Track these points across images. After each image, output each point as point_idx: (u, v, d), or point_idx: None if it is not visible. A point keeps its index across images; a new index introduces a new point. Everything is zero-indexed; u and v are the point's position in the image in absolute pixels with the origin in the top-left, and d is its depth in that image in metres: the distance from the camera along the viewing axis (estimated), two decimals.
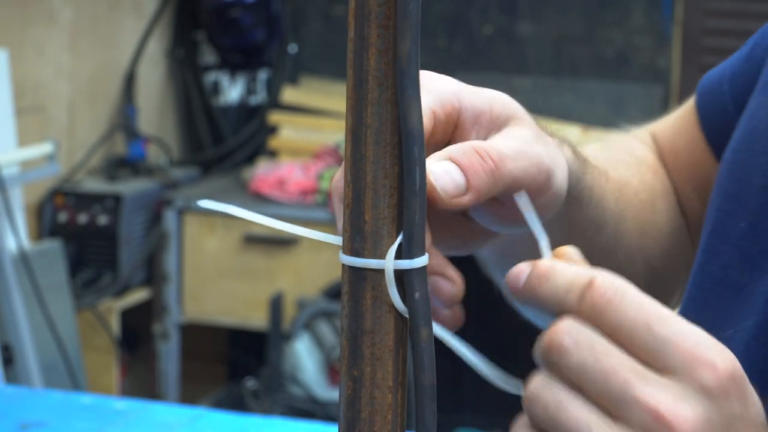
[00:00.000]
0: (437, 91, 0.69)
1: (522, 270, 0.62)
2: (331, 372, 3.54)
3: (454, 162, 0.67)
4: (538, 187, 0.70)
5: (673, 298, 1.02)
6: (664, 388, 0.58)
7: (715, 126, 0.98)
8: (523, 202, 0.65)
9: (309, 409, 3.42)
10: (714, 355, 0.59)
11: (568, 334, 0.59)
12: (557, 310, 0.61)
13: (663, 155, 1.03)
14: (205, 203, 0.67)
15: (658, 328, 0.59)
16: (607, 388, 0.58)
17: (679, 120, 1.03)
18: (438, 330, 0.61)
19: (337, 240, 0.63)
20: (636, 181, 0.97)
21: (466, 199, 0.66)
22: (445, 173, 0.66)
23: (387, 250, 0.59)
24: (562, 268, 0.61)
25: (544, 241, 0.64)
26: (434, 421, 0.59)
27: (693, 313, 0.87)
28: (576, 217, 0.84)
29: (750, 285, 0.84)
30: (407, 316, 0.59)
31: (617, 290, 0.59)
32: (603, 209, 0.88)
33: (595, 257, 0.79)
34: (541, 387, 0.60)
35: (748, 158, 0.87)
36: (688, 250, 1.01)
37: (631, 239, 0.94)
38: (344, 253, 0.60)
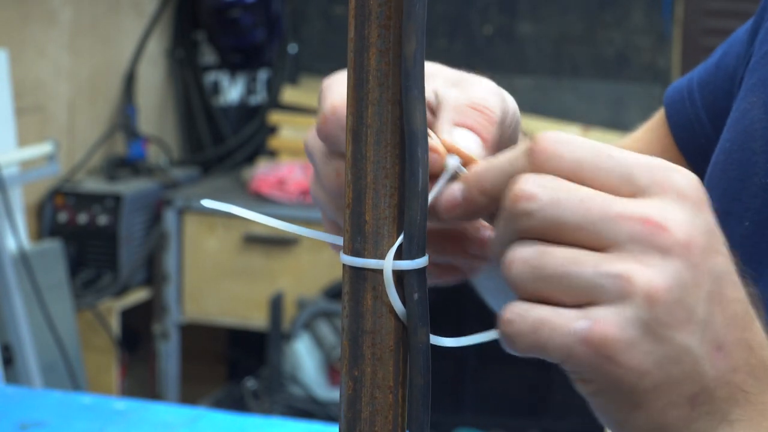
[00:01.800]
0: None
1: (453, 189, 0.61)
2: (331, 372, 3.54)
3: (462, 126, 0.66)
4: (504, 111, 0.71)
5: None
6: (645, 203, 0.57)
7: (687, 134, 0.99)
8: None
9: (309, 409, 3.42)
10: (682, 171, 0.58)
11: (531, 182, 0.57)
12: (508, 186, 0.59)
13: None
14: (207, 203, 0.67)
15: (618, 154, 0.58)
16: (586, 216, 0.56)
17: (648, 132, 1.05)
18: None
19: (336, 239, 0.63)
20: None
21: (485, 156, 0.66)
22: (462, 137, 0.66)
23: (387, 250, 0.59)
24: (493, 157, 0.60)
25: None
26: (428, 421, 0.59)
27: None
28: None
29: (759, 284, 0.84)
30: (403, 318, 0.59)
31: (563, 136, 0.58)
32: None
33: None
34: (519, 246, 0.58)
35: (745, 158, 0.87)
36: None
37: None
38: (345, 253, 0.60)
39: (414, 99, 0.58)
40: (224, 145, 4.07)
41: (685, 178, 0.58)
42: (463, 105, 0.68)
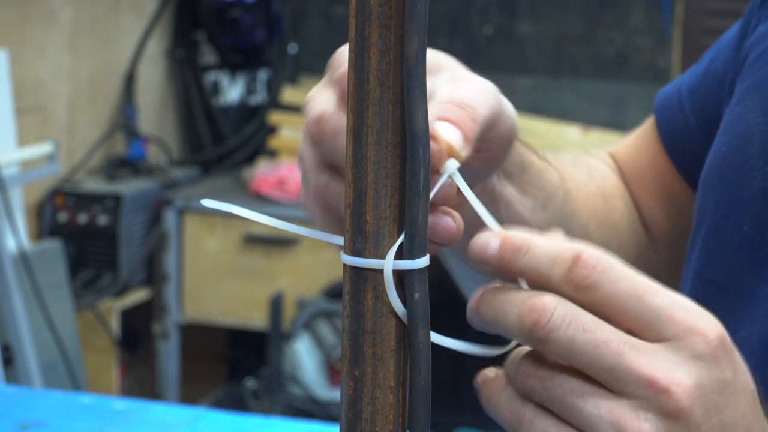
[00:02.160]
0: None
1: (489, 239, 0.61)
2: (331, 372, 3.54)
3: (445, 120, 0.67)
4: (498, 113, 0.72)
5: None
6: (658, 356, 0.58)
7: (676, 140, 1.00)
8: (458, 178, 0.64)
9: (309, 409, 3.42)
10: (705, 324, 0.59)
11: (555, 312, 0.59)
12: (536, 283, 0.60)
13: (624, 171, 1.05)
14: (208, 202, 0.67)
15: (649, 299, 0.59)
16: (599, 360, 0.58)
17: (638, 138, 1.06)
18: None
19: (338, 240, 0.63)
20: (584, 176, 0.99)
21: (465, 153, 0.67)
22: (445, 130, 0.66)
23: (388, 250, 0.59)
24: (541, 241, 0.61)
25: (483, 212, 0.63)
26: (428, 421, 0.59)
27: None
28: (520, 182, 0.85)
29: (761, 286, 0.84)
30: (404, 318, 0.59)
31: (606, 263, 0.59)
32: (547, 181, 0.89)
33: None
34: (529, 363, 0.60)
35: (742, 162, 0.87)
36: (650, 259, 1.02)
37: (583, 221, 0.95)
38: (345, 253, 0.60)
39: (416, 99, 0.58)
40: (224, 145, 4.07)
41: (708, 328, 0.59)
42: (447, 101, 0.68)
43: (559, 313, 0.59)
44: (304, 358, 3.53)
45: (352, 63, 0.58)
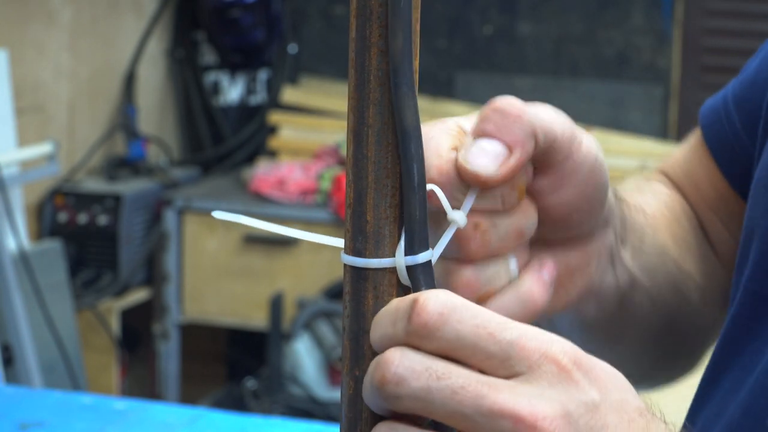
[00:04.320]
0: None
1: None
2: (331, 372, 3.54)
3: (480, 135, 0.65)
4: (570, 137, 0.69)
5: (716, 325, 0.96)
6: (517, 391, 0.56)
7: (728, 155, 0.95)
8: (440, 195, 0.64)
9: (309, 409, 3.42)
10: (557, 350, 0.58)
11: (400, 363, 0.56)
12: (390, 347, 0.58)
13: (683, 190, 1.00)
14: (219, 214, 0.67)
15: (499, 334, 0.57)
16: (459, 407, 0.56)
17: (689, 153, 1.00)
18: None
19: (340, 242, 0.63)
20: (655, 203, 0.94)
21: (514, 161, 0.64)
22: (480, 152, 0.65)
23: (388, 250, 0.59)
24: (387, 303, 0.59)
25: (455, 216, 0.63)
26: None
27: (753, 339, 0.83)
28: (620, 229, 0.81)
29: None
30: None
31: (447, 304, 0.57)
32: (637, 222, 0.85)
33: (647, 270, 0.79)
34: (384, 426, 0.58)
35: None
36: (719, 277, 0.97)
37: (675, 253, 0.91)
38: (346, 253, 0.60)
39: (404, 95, 0.58)
40: (224, 145, 4.07)
41: (559, 357, 0.58)
42: (484, 112, 0.66)
43: (404, 364, 0.56)
44: (304, 358, 3.53)
45: (353, 63, 0.58)
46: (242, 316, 3.62)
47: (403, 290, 0.60)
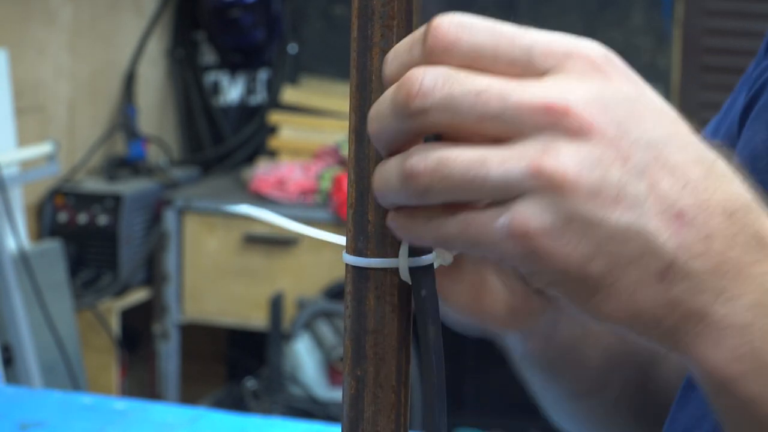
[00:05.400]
0: None
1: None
2: (331, 372, 3.54)
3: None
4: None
5: None
6: (544, 85, 0.54)
7: None
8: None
9: (309, 409, 3.42)
10: (586, 46, 0.55)
11: (424, 77, 0.54)
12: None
13: None
14: (243, 208, 0.67)
15: (520, 38, 0.55)
16: (485, 108, 0.53)
17: None
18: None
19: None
20: None
21: None
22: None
23: (390, 250, 0.59)
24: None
25: None
26: (444, 419, 0.59)
27: None
28: None
29: None
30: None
31: (462, 19, 0.55)
32: None
33: None
34: (418, 154, 0.54)
35: (756, 181, 0.83)
36: None
37: None
38: (347, 252, 0.60)
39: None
40: (224, 145, 4.07)
41: (588, 49, 0.55)
42: None
43: (428, 76, 0.53)
44: (304, 358, 3.53)
45: (354, 63, 0.58)
46: (242, 316, 3.62)
47: (405, 290, 0.60)
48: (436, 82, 0.54)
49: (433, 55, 0.55)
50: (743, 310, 0.55)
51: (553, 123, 0.53)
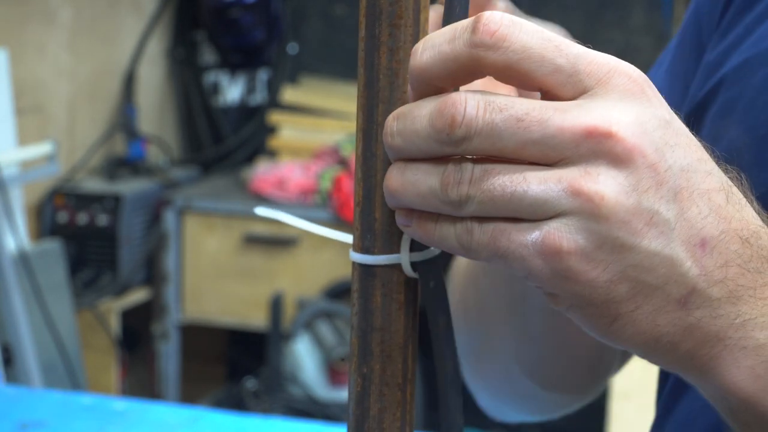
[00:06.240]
0: None
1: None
2: (331, 372, 3.54)
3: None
4: None
5: None
6: (586, 107, 0.54)
7: None
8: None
9: (309, 409, 3.42)
10: (626, 65, 0.56)
11: (467, 100, 0.54)
12: (443, 66, 0.55)
13: None
14: (261, 211, 0.67)
15: (568, 49, 0.55)
16: (527, 134, 0.53)
17: None
18: None
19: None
20: None
21: None
22: None
23: (397, 248, 0.59)
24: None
25: None
26: (460, 409, 0.59)
27: None
28: None
29: None
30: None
31: (514, 18, 0.54)
32: None
33: None
34: (461, 170, 0.54)
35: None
36: None
37: None
38: (354, 250, 0.60)
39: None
40: (224, 145, 4.07)
41: (629, 72, 0.56)
42: None
43: (470, 102, 0.54)
44: (304, 358, 3.53)
45: (362, 62, 0.58)
46: (242, 316, 3.62)
47: (412, 288, 0.60)
48: (477, 110, 0.54)
49: (480, 47, 0.54)
50: (758, 331, 0.56)
51: (594, 146, 0.54)
